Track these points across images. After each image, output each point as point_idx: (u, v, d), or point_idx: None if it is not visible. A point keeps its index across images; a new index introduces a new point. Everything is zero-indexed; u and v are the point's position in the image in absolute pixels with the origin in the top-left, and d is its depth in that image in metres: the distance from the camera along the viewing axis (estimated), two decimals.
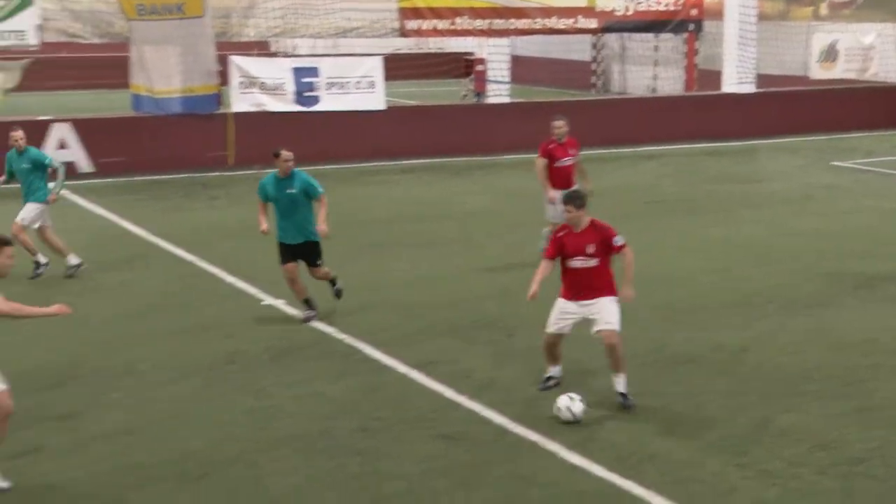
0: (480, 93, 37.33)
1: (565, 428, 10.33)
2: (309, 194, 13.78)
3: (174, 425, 10.71)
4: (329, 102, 26.90)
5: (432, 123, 29.18)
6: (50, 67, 31.39)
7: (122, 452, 10.05)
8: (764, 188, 24.45)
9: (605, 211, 20.65)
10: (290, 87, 26.65)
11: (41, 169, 15.96)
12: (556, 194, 16.10)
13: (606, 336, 10.47)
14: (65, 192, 18.38)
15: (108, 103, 30.47)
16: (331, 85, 27.01)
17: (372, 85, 27.35)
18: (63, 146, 24.99)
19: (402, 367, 12.23)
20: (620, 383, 10.73)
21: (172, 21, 25.07)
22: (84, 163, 25.12)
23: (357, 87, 27.28)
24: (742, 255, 17.63)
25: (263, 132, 26.29)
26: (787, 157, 28.81)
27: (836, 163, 27.60)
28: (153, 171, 25.23)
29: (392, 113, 28.39)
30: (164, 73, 25.51)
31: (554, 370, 11.21)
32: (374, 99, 27.36)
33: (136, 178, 24.75)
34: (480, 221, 20.35)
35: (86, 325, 13.87)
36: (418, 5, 27.56)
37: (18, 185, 16.42)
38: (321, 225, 13.77)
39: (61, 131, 25.13)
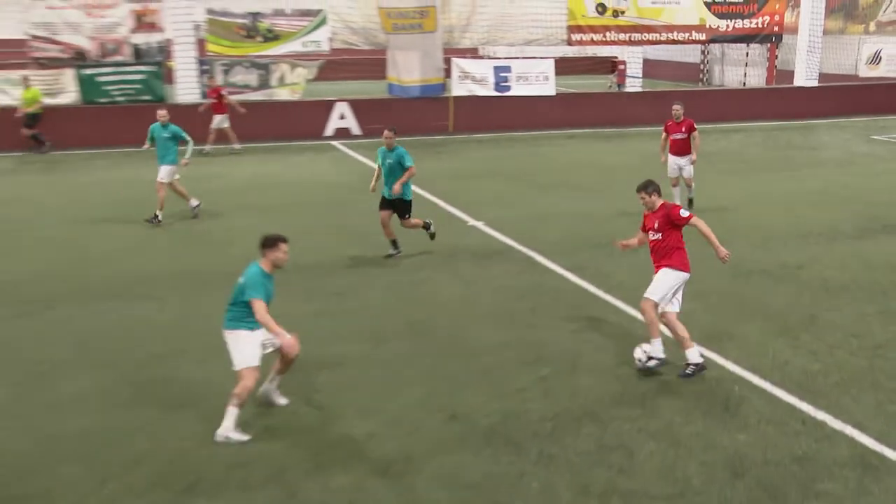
0: (621, 84, 36.83)
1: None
2: (402, 165, 12.56)
3: (407, 301, 11.07)
4: (517, 90, 26.77)
5: (587, 105, 28.84)
6: (335, 65, 32.01)
7: (373, 317, 10.44)
8: (820, 154, 23.36)
9: (708, 168, 20.11)
10: (491, 79, 26.62)
11: (176, 140, 15.21)
12: (670, 159, 15.79)
13: (641, 301, 8.71)
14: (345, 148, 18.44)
15: (372, 89, 30.99)
16: (518, 78, 26.86)
17: (546, 78, 27.08)
18: (342, 117, 25.63)
19: (560, 270, 12.29)
20: (646, 347, 8.76)
21: (415, 34, 25.31)
22: (355, 128, 25.67)
23: (536, 79, 27.05)
24: (802, 200, 16.94)
25: (472, 109, 26.49)
26: (839, 132, 27.37)
27: (874, 137, 26.11)
28: (400, 133, 25.45)
29: (559, 97, 28.05)
30: (408, 68, 25.81)
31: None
32: (547, 87, 27.10)
33: None
34: (619, 173, 20.04)
35: (349, 230, 14.30)
36: (580, 23, 27.12)
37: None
38: (396, 184, 12.50)
39: (341, 108, 25.73)
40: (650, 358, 8.71)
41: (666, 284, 8.69)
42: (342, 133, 25.56)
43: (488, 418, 7.84)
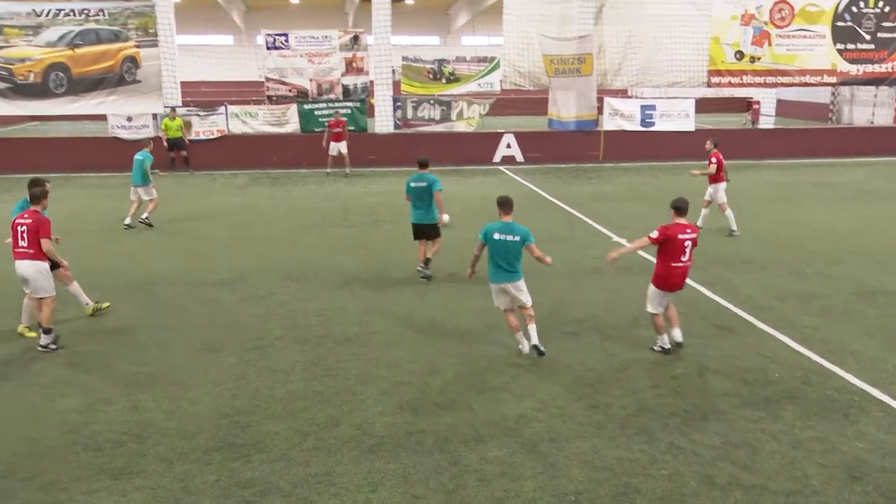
0: (755, 122, 35.01)
1: (795, 326, 9.57)
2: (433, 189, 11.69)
3: (558, 303, 10.85)
4: (661, 125, 25.91)
5: (723, 140, 27.13)
6: (504, 103, 32.03)
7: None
8: None
9: (832, 195, 18.76)
10: (638, 116, 25.93)
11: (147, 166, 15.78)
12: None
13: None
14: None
15: (534, 123, 30.84)
16: (662, 115, 26.00)
17: (687, 115, 26.08)
18: (508, 146, 25.63)
19: (694, 283, 11.62)
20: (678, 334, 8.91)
21: (573, 77, 24.96)
22: (519, 156, 25.62)
23: (678, 116, 26.08)
24: None
25: (620, 141, 25.85)
26: None
27: None
28: (556, 161, 25.37)
29: (699, 133, 26.78)
30: (566, 106, 25.47)
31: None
32: (688, 123, 26.08)
33: (546, 166, 24.95)
34: (747, 199, 19.01)
35: None
36: (720, 68, 25.92)
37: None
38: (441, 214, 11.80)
39: (508, 138, 25.72)
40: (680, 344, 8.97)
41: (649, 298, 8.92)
42: (508, 160, 25.56)
43: (624, 410, 7.56)
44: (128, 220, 15.89)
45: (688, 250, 8.70)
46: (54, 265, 9.41)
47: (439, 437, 7.02)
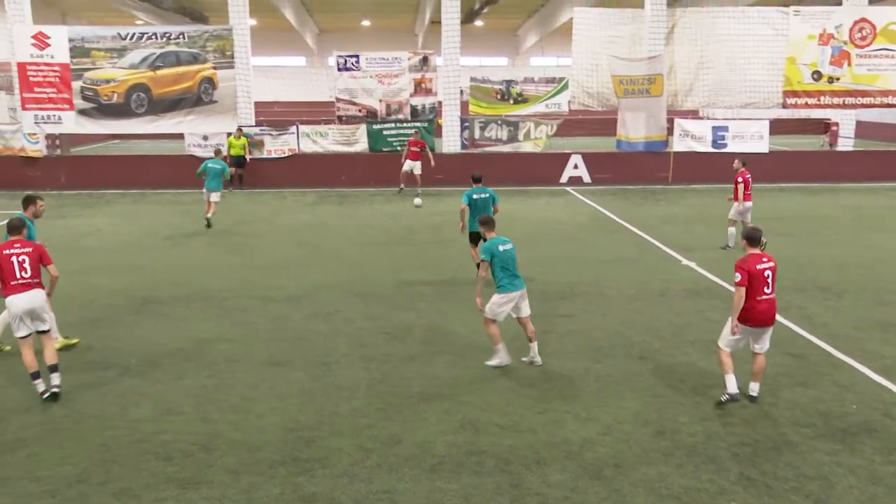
0: (833, 144, 33.95)
1: (874, 356, 9.19)
2: (494, 200, 12.47)
3: (625, 325, 10.68)
4: (733, 147, 25.32)
5: (799, 162, 26.77)
6: (572, 123, 31.85)
7: (595, 338, 10.18)
8: None
9: None
10: (709, 137, 25.44)
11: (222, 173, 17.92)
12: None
13: None
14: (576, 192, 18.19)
15: (602, 144, 30.59)
16: (735, 136, 25.45)
17: (761, 137, 25.46)
18: (576, 167, 25.46)
19: None
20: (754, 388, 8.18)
21: (642, 98, 24.72)
22: (586, 177, 25.42)
23: (751, 138, 25.48)
24: None
25: (690, 163, 25.40)
26: None
27: None
28: (625, 183, 25.08)
29: (772, 155, 26.18)
30: (635, 127, 25.22)
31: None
32: (762, 145, 25.44)
33: (614, 187, 24.71)
34: (825, 223, 18.42)
35: (577, 263, 14.07)
36: (796, 88, 25.28)
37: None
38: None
39: (575, 159, 25.57)
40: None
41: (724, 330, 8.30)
42: (575, 180, 25.40)
43: (692, 437, 7.37)
44: (209, 215, 18.15)
45: (770, 281, 7.94)
46: None
47: (500, 459, 6.98)
